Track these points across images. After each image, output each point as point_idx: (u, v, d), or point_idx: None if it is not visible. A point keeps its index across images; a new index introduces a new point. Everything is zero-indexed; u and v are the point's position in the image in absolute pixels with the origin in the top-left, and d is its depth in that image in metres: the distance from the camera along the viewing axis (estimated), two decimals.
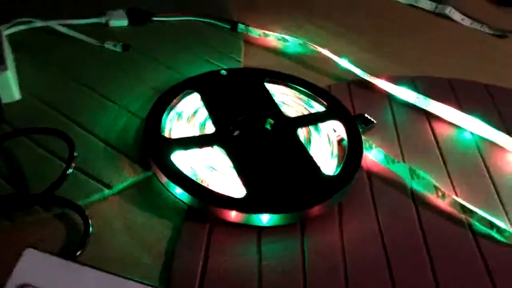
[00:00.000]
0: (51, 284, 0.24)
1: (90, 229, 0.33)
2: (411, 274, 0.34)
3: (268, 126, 0.43)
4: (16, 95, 0.43)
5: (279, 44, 0.56)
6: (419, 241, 0.36)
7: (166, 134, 0.40)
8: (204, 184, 0.36)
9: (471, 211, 0.37)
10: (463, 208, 0.37)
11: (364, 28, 0.61)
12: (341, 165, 0.39)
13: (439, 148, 0.44)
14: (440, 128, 0.47)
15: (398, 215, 0.38)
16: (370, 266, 0.34)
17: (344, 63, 0.52)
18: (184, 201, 0.36)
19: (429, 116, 0.48)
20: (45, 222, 0.34)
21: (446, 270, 0.34)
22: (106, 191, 0.36)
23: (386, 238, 0.36)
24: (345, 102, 0.47)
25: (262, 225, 0.35)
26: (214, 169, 0.38)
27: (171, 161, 0.37)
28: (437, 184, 0.38)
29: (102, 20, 0.55)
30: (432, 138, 0.45)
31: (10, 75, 0.42)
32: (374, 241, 0.36)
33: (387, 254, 0.35)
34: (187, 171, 0.37)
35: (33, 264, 0.24)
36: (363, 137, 0.42)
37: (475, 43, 0.62)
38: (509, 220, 0.38)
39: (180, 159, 0.38)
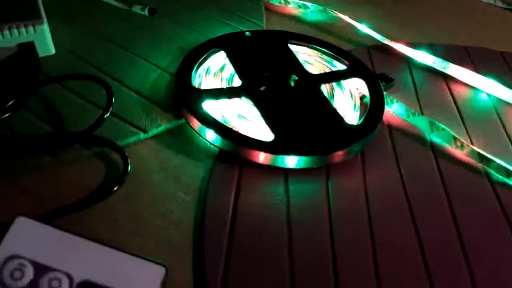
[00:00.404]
0: (43, 256, 0.22)
1: (129, 166, 0.35)
2: (432, 216, 0.35)
3: (292, 83, 0.44)
4: (52, 49, 0.45)
5: (299, 11, 0.57)
6: (439, 188, 0.38)
7: (196, 86, 0.42)
8: (234, 129, 0.38)
9: (488, 160, 0.39)
10: (481, 157, 0.39)
11: None
12: (363, 117, 0.40)
13: (457, 106, 0.46)
14: (457, 89, 0.48)
15: (419, 164, 0.39)
16: (392, 207, 0.36)
17: (363, 28, 0.53)
18: (216, 144, 0.38)
19: (447, 78, 0.49)
20: (85, 159, 0.36)
21: (464, 214, 0.36)
22: (142, 135, 0.38)
23: (407, 184, 0.38)
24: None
25: (289, 167, 0.37)
26: (243, 116, 0.40)
27: (202, 108, 0.39)
28: (455, 135, 0.40)
29: None
30: (450, 97, 0.47)
31: (46, 28, 0.44)
32: (395, 186, 0.37)
33: (408, 198, 0.37)
34: (218, 118, 0.39)
35: (25, 234, 0.22)
36: (384, 93, 0.43)
37: (488, 15, 0.63)
38: None
39: (211, 107, 0.40)
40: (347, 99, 0.43)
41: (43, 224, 0.23)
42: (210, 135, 0.38)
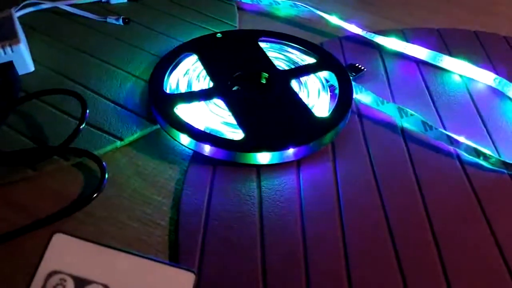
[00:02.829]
0: (81, 270, 0.23)
1: (106, 174, 0.37)
2: (401, 197, 0.37)
3: (263, 80, 0.45)
4: (31, 67, 0.47)
5: (271, 8, 0.58)
6: (408, 171, 0.39)
7: (168, 91, 0.44)
8: (206, 131, 0.40)
9: (457, 142, 0.39)
10: (450, 139, 0.40)
11: None
12: (333, 108, 0.41)
13: (429, 91, 0.47)
14: (429, 73, 0.49)
15: (389, 151, 0.40)
16: (363, 195, 0.37)
17: (334, 20, 0.54)
18: (189, 147, 0.39)
19: (419, 64, 0.50)
20: (65, 170, 0.38)
21: (434, 195, 0.37)
22: (118, 143, 0.40)
23: (377, 169, 0.39)
24: (336, 56, 0.49)
25: (260, 163, 0.38)
26: (215, 117, 0.41)
27: (175, 113, 0.40)
28: (424, 119, 0.41)
29: None
30: (422, 82, 0.48)
31: (23, 47, 0.45)
32: (365, 172, 0.38)
33: (378, 183, 0.38)
34: (190, 121, 0.40)
35: (62, 250, 0.24)
36: (353, 83, 0.44)
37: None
38: (496, 148, 0.40)
39: (184, 111, 0.41)
40: (317, 92, 0.44)
41: (78, 239, 0.24)
42: (184, 139, 0.39)
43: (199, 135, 0.39)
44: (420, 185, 0.38)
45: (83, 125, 0.39)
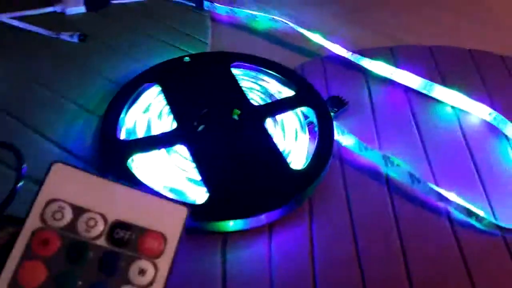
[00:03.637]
0: (79, 199, 0.23)
1: None
2: (384, 270, 0.32)
3: (235, 116, 0.40)
4: None
5: (248, 21, 0.52)
6: (393, 234, 0.34)
7: (123, 135, 0.38)
8: (165, 190, 0.35)
9: (447, 200, 0.35)
10: (439, 196, 0.36)
11: None
12: (311, 158, 0.37)
13: (417, 125, 0.42)
14: (419, 103, 0.44)
15: (372, 206, 0.36)
16: (341, 268, 0.33)
17: (317, 38, 0.48)
18: None
19: (408, 91, 0.45)
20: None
21: (420, 262, 0.33)
22: None
23: (359, 234, 0.34)
24: (318, 81, 0.45)
25: (226, 230, 0.34)
26: (175, 171, 0.36)
27: (127, 168, 0.35)
28: (412, 171, 0.36)
29: (58, 8, 0.51)
30: (410, 115, 0.43)
31: None
32: (345, 239, 0.34)
33: (358, 251, 0.33)
34: (145, 177, 0.35)
35: (62, 179, 0.24)
36: (335, 123, 0.39)
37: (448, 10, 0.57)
38: (489, 202, 0.36)
39: (139, 162, 0.36)
40: (294, 133, 0.39)
41: (78, 169, 0.24)
42: None
43: None
44: (405, 250, 0.33)
45: (21, 183, 0.34)
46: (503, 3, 0.58)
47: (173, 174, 0.36)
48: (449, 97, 0.44)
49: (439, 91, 0.44)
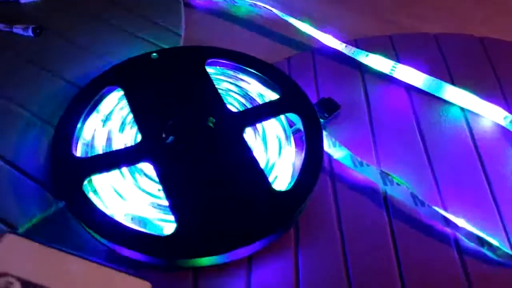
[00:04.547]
0: (30, 273, 0.23)
1: None
2: None
3: (210, 123, 0.35)
4: None
5: (226, 7, 0.46)
6: (392, 265, 0.30)
7: (80, 152, 0.33)
8: (125, 219, 0.30)
9: (456, 226, 0.30)
10: (446, 221, 0.31)
11: None
12: (298, 176, 0.31)
13: (421, 133, 0.36)
14: (422, 104, 0.38)
15: (368, 233, 0.31)
16: None
17: (306, 28, 0.42)
18: (102, 241, 0.29)
19: (410, 90, 0.39)
20: None
21: None
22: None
23: (352, 266, 0.29)
24: (306, 80, 0.39)
25: (198, 265, 0.29)
26: (139, 195, 0.31)
27: (83, 192, 0.30)
28: (415, 192, 0.31)
29: None
30: (413, 118, 0.37)
31: None
32: (337, 274, 0.29)
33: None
34: (104, 202, 0.30)
35: (12, 251, 0.23)
36: (325, 133, 0.34)
37: None
38: (507, 235, 0.31)
39: (98, 183, 0.31)
40: (277, 144, 0.34)
41: (31, 240, 0.24)
42: (92, 232, 0.29)
43: (112, 229, 0.28)
44: (406, 286, 0.29)
45: None
46: None
47: (136, 199, 0.31)
48: (458, 97, 0.38)
49: (446, 90, 0.38)
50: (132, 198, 0.31)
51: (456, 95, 0.38)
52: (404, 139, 0.36)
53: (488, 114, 0.37)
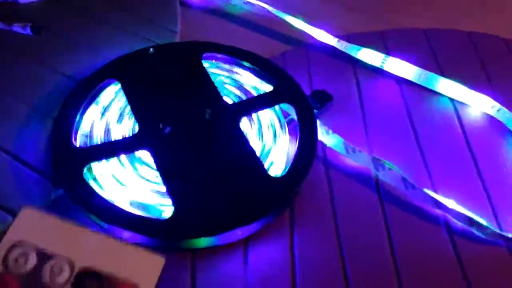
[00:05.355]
0: (46, 244, 0.23)
1: None
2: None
3: (207, 115, 0.36)
4: None
5: (221, 5, 0.47)
6: (384, 247, 0.30)
7: (79, 142, 0.34)
8: (125, 203, 0.30)
9: (446, 207, 0.31)
10: (437, 203, 0.32)
11: None
12: (292, 162, 0.32)
13: (412, 123, 0.38)
14: (413, 96, 0.39)
15: (361, 216, 0.32)
16: (325, 284, 0.29)
17: (299, 24, 0.43)
18: (102, 225, 0.30)
19: (401, 83, 0.41)
20: None
21: (416, 279, 0.29)
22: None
23: (346, 248, 0.30)
24: (300, 73, 0.40)
25: (196, 247, 0.30)
26: (138, 182, 0.32)
27: (82, 178, 0.31)
28: (405, 176, 0.32)
29: None
30: (404, 109, 0.39)
31: None
32: (331, 256, 0.30)
33: (346, 270, 0.29)
34: (105, 189, 0.31)
35: (30, 223, 0.24)
36: (318, 122, 0.35)
37: None
38: (495, 216, 0.32)
39: (97, 171, 0.32)
40: (272, 133, 0.35)
41: (48, 214, 0.24)
42: (93, 216, 0.30)
43: (112, 213, 0.29)
44: (398, 266, 0.30)
45: None
46: None
47: (135, 185, 0.32)
48: (447, 88, 0.39)
49: (436, 82, 0.39)
50: (133, 185, 0.31)
51: (445, 86, 0.39)
52: (395, 128, 0.37)
53: (477, 104, 0.38)
